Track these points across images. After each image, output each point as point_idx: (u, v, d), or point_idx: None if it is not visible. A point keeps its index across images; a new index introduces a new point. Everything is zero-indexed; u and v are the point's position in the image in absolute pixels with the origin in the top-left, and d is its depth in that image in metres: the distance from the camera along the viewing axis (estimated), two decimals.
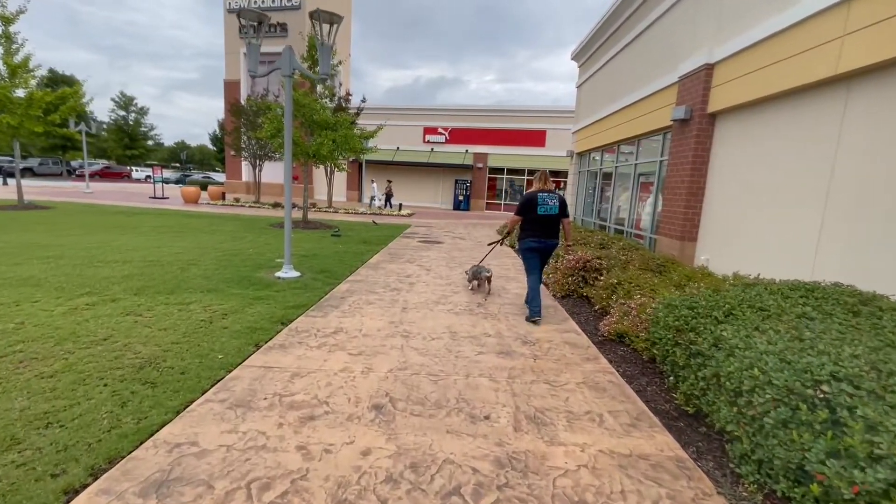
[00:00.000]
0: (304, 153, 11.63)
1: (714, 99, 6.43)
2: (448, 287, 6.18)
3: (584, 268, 5.86)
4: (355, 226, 13.68)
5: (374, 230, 12.73)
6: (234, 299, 4.87)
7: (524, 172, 25.28)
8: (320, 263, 7.24)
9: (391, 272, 6.97)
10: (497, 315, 4.93)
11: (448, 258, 8.68)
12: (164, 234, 9.38)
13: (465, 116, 25.47)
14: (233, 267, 6.51)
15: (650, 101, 8.63)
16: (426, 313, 4.86)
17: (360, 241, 10.30)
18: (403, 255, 8.76)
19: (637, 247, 7.46)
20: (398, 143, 26.32)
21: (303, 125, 11.66)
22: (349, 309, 4.86)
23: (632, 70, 9.91)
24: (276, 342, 3.78)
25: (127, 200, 18.68)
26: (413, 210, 21.98)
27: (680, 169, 7.05)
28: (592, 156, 13.26)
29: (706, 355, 2.73)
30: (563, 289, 5.88)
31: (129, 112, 43.26)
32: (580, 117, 14.12)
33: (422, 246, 10.16)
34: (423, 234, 12.69)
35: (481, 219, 20.54)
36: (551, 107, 24.74)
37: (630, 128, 9.71)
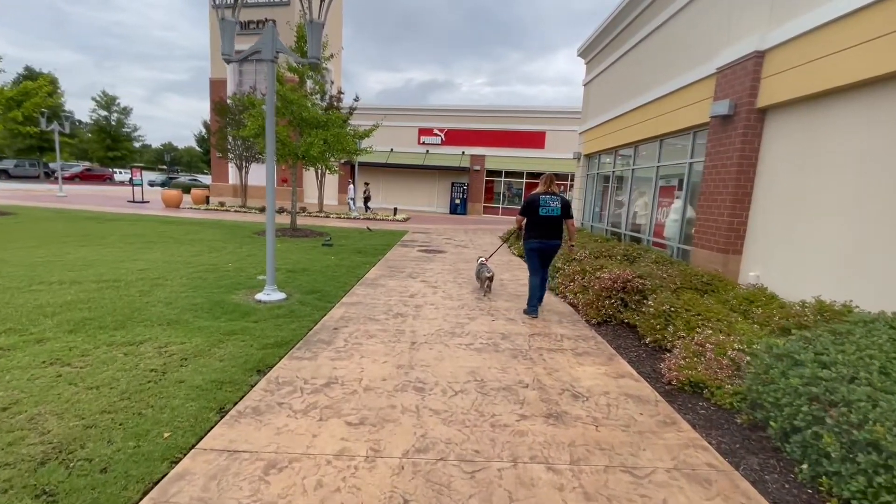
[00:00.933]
0: (292, 154, 10.63)
1: (765, 91, 5.59)
2: (461, 310, 5.24)
3: (623, 289, 4.96)
4: (348, 233, 12.68)
5: (369, 237, 11.76)
6: (200, 335, 3.88)
7: (523, 175, 24.46)
8: (310, 280, 6.25)
9: (392, 291, 6.02)
10: (528, 352, 4.00)
11: (454, 271, 7.74)
12: (132, 245, 8.31)
13: (461, 117, 24.60)
14: (205, 288, 5.50)
15: (677, 97, 7.79)
16: (441, 351, 3.91)
17: (354, 250, 9.32)
18: (404, 268, 7.81)
19: (671, 260, 6.59)
20: (392, 144, 25.37)
21: (291, 123, 10.66)
22: (345, 346, 3.90)
23: (651, 64, 9.08)
24: (249, 403, 2.81)
25: (102, 205, 17.45)
26: (408, 214, 21.03)
27: (721, 172, 6.20)
28: (603, 158, 12.43)
29: (888, 450, 1.83)
30: (599, 314, 4.97)
31: (111, 112, 41.67)
32: (588, 117, 13.30)
33: (423, 257, 9.21)
34: (423, 241, 11.74)
35: (480, 223, 19.66)
36: (551, 107, 23.98)
37: (650, 127, 8.87)
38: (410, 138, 25.37)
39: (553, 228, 5.00)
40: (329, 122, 10.55)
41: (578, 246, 7.42)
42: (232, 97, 17.90)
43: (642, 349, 4.19)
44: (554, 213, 4.97)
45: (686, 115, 7.46)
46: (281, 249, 8.91)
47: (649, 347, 4.19)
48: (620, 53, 10.65)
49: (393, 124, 25.11)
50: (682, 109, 7.60)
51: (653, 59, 9.05)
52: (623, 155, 11.04)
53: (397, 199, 26.00)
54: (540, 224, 4.98)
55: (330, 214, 18.30)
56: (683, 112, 7.57)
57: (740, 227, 6.00)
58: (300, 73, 10.49)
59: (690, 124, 7.34)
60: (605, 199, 12.46)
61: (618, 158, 11.27)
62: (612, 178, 11.43)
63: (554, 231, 5.02)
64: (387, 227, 15.38)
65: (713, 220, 6.33)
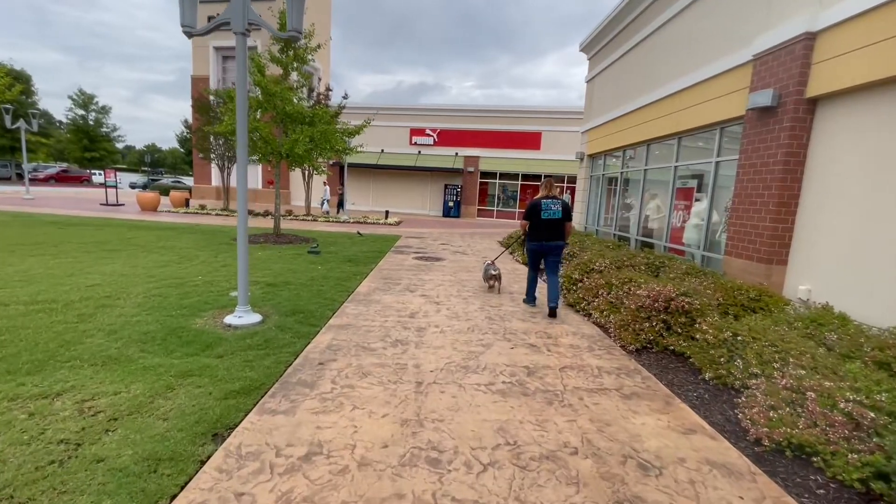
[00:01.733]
0: (275, 153, 9.71)
1: (818, 79, 4.88)
2: (472, 334, 4.41)
3: (666, 309, 4.18)
4: (337, 238, 11.78)
5: (360, 243, 10.87)
6: (143, 379, 2.99)
7: (518, 177, 23.76)
8: (292, 297, 5.37)
9: (388, 309, 5.16)
10: (564, 393, 3.18)
11: (456, 283, 6.91)
12: (89, 255, 7.32)
13: (454, 117, 23.83)
14: (164, 309, 4.58)
15: (699, 91, 7.09)
16: (456, 395, 3.08)
17: (343, 259, 8.44)
18: (400, 279, 6.95)
19: (702, 271, 5.84)
20: (383, 145, 24.48)
21: (274, 119, 9.75)
22: (332, 391, 3.04)
23: (667, 56, 8.39)
24: (194, 499, 1.94)
25: (73, 208, 16.27)
26: (400, 217, 20.16)
27: (762, 171, 5.47)
28: (609, 158, 11.73)
29: None
30: (637, 338, 4.17)
31: (88, 111, 39.98)
32: (592, 115, 12.60)
33: (420, 265, 8.36)
34: (418, 248, 10.89)
35: (475, 227, 18.87)
36: (547, 107, 23.33)
37: (666, 124, 8.16)
38: (402, 139, 24.52)
39: (555, 230, 5.27)
40: (316, 118, 9.66)
41: (596, 254, 6.66)
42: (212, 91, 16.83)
43: (702, 387, 3.40)
44: (555, 215, 5.22)
45: (711, 110, 6.76)
46: (261, 258, 7.99)
47: (710, 385, 3.40)
48: (630, 46, 9.96)
49: (384, 124, 24.26)
50: (707, 104, 6.89)
51: (668, 50, 8.35)
52: (632, 155, 10.34)
53: (388, 201, 25.12)
54: (542, 227, 5.26)
55: (318, 218, 17.36)
56: (708, 106, 6.86)
57: (785, 234, 5.28)
58: (284, 63, 9.58)
59: (717, 119, 6.63)
60: (611, 202, 11.76)
61: (626, 158, 10.57)
62: (619, 179, 10.72)
63: (555, 233, 5.28)
64: (378, 231, 14.50)
65: (752, 226, 5.60)
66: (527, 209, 5.41)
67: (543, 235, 5.28)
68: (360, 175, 25.24)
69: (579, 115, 22.51)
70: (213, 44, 24.96)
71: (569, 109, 23.07)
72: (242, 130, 4.22)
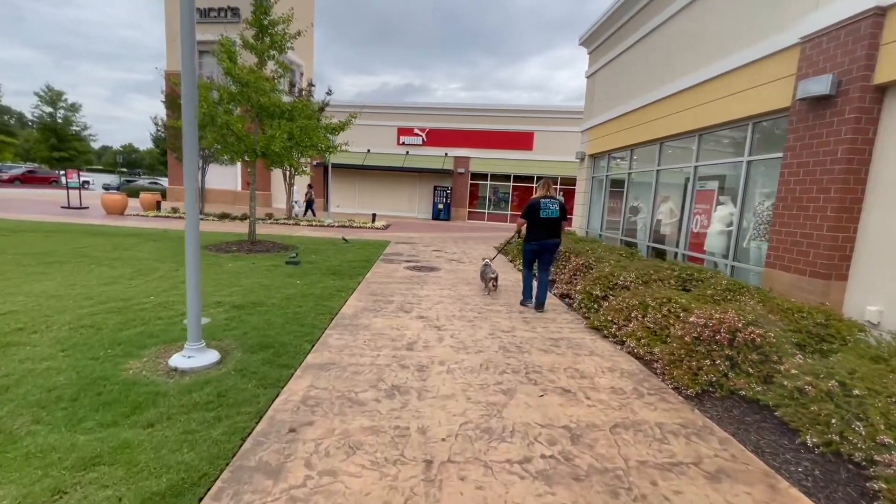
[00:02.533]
0: (249, 150, 8.67)
1: (888, 62, 4.14)
2: (487, 372, 3.51)
3: (731, 342, 3.34)
4: (320, 244, 10.76)
5: (345, 251, 9.89)
6: (19, 476, 2.01)
7: (510, 178, 23.00)
8: (262, 323, 4.40)
9: (380, 337, 4.24)
10: (628, 474, 2.31)
11: (457, 299, 6.01)
12: (22, 269, 6.20)
13: (444, 116, 22.96)
14: (91, 347, 3.57)
15: (727, 82, 6.34)
16: (482, 483, 2.17)
17: (325, 270, 7.46)
18: (391, 295, 6.03)
19: (744, 286, 5.05)
20: (369, 145, 23.47)
21: (248, 113, 8.72)
22: (306, 482, 2.11)
23: (685, 45, 7.65)
24: None
25: (29, 212, 14.87)
26: (388, 221, 19.18)
27: (816, 172, 4.72)
28: (614, 158, 10.98)
29: None
30: (696, 380, 3.33)
31: (56, 108, 37.88)
32: (593, 113, 11.86)
33: (413, 277, 7.44)
34: (409, 255, 9.96)
35: (467, 231, 18.00)
36: (540, 106, 22.64)
37: (684, 120, 7.42)
38: (389, 138, 23.54)
39: (552, 229, 5.40)
40: (295, 113, 8.65)
41: (616, 267, 5.84)
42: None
43: (804, 456, 2.56)
44: (553, 215, 5.35)
45: (742, 102, 6.01)
46: (231, 272, 6.97)
47: (816, 454, 2.57)
48: (639, 36, 9.21)
49: (370, 123, 23.26)
50: (736, 96, 6.14)
51: (686, 38, 7.61)
52: (641, 154, 9.60)
53: (375, 204, 24.10)
54: (541, 226, 5.37)
55: (300, 222, 16.28)
56: (737, 99, 6.12)
57: (846, 244, 4.52)
58: (259, 50, 8.56)
59: (749, 113, 5.89)
60: (616, 205, 11.01)
61: (634, 158, 9.82)
62: (627, 180, 9.97)
63: (553, 232, 5.41)
64: (365, 236, 13.51)
65: (803, 235, 4.83)
66: (525, 209, 5.48)
67: (542, 234, 5.41)
68: (345, 176, 24.17)
69: (572, 114, 21.87)
70: None
71: (562, 109, 22.43)
72: (188, 120, 3.25)
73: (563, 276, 6.81)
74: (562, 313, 5.56)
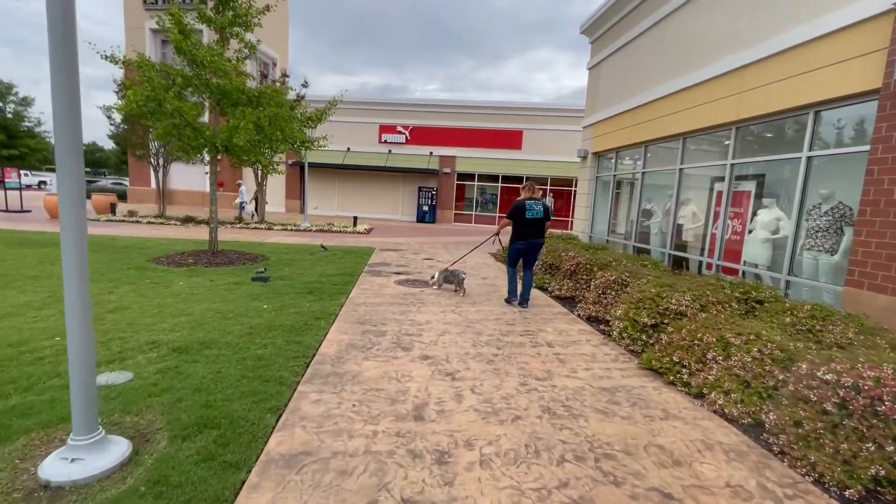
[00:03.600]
0: (209, 143, 7.30)
1: None
2: (540, 463, 2.36)
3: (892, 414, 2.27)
4: (295, 253, 9.43)
5: (323, 261, 8.60)
6: None
7: (498, 179, 21.98)
8: (207, 380, 3.13)
9: (375, 398, 3.03)
10: None
11: (466, 326, 4.84)
12: None
13: (428, 113, 21.77)
14: None
15: (784, 62, 5.39)
16: None
17: (301, 288, 6.18)
18: (384, 322, 4.81)
19: (831, 313, 4.04)
20: (349, 143, 22.09)
21: (208, 99, 7.35)
22: None
23: (719, 25, 6.71)
24: None
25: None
26: (370, 224, 17.85)
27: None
28: (622, 156, 10.03)
29: None
30: (850, 472, 2.25)
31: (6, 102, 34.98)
32: (597, 107, 10.89)
33: (407, 294, 6.23)
34: (398, 265, 8.74)
35: (456, 234, 16.82)
36: (530, 104, 21.71)
37: (721, 111, 6.47)
38: (370, 137, 22.20)
39: (538, 229, 5.56)
40: (263, 99, 7.31)
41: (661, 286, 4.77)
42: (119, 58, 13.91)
43: None
44: (538, 215, 5.52)
45: (807, 86, 5.05)
46: (181, 294, 5.62)
47: None
48: (656, 19, 8.25)
49: (350, 120, 21.91)
50: (794, 80, 5.19)
51: (722, 16, 6.66)
52: (658, 152, 8.65)
53: (356, 206, 22.71)
54: (527, 226, 5.51)
55: (274, 226, 14.82)
56: (796, 83, 5.16)
57: None
58: (219, 25, 7.17)
59: (817, 98, 4.93)
60: (625, 208, 10.06)
61: (648, 156, 8.86)
62: (640, 179, 9.00)
63: (538, 231, 5.57)
64: (346, 242, 12.20)
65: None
66: (511, 210, 5.61)
67: (529, 234, 5.57)
68: (323, 176, 22.71)
69: (563, 112, 21.01)
70: (150, 25, 21.76)
71: (552, 107, 21.58)
72: (60, 100, 1.96)
73: (587, 295, 5.73)
74: (599, 345, 4.46)
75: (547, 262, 7.42)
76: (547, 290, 6.84)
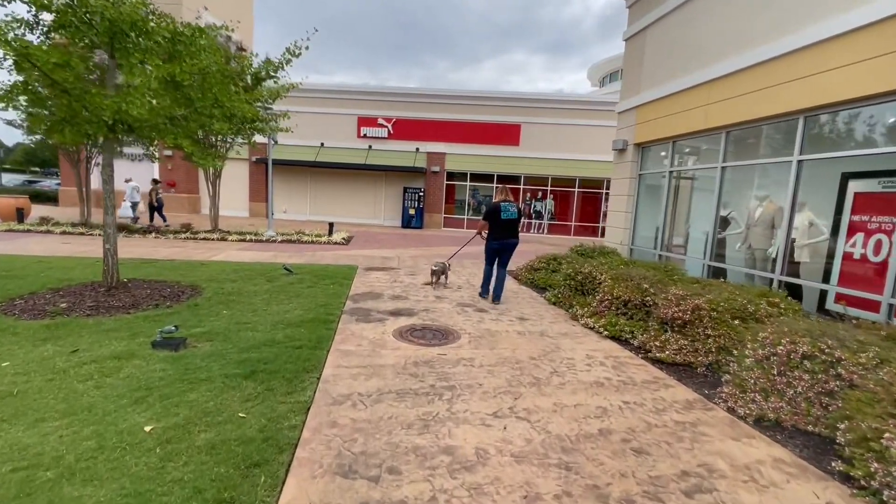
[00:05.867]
0: (93, 119, 4.54)
1: None
2: None
3: None
4: (246, 279, 6.73)
5: (285, 292, 5.97)
6: None
7: (493, 178, 19.61)
8: None
9: None
10: None
11: (558, 453, 2.35)
12: None
13: (414, 104, 19.22)
14: None
15: None
16: None
17: (235, 364, 3.55)
18: (393, 468, 2.27)
19: None
20: (322, 137, 19.31)
21: (98, 39, 4.61)
22: None
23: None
24: None
25: None
26: (349, 231, 15.14)
27: None
28: (682, 147, 7.78)
29: None
30: None
31: None
32: (642, 86, 8.62)
33: (418, 365, 3.69)
34: (391, 295, 6.19)
35: (452, 242, 14.17)
36: (529, 94, 19.46)
37: (866, 77, 4.23)
38: (347, 130, 19.47)
39: (512, 229, 5.93)
40: (180, 44, 4.58)
41: (848, 351, 2.41)
42: None
43: None
44: (512, 216, 5.89)
45: None
46: (11, 388, 2.91)
47: None
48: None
49: (323, 111, 19.17)
50: None
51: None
52: (748, 138, 6.41)
53: (332, 209, 19.94)
54: (502, 227, 5.89)
55: (229, 235, 11.95)
56: None
57: None
58: None
59: None
60: (687, 215, 7.82)
61: (729, 146, 6.61)
62: (721, 175, 6.73)
63: (512, 232, 5.95)
64: (319, 257, 9.52)
65: None
66: (486, 212, 6.04)
67: (504, 234, 5.90)
68: (293, 175, 19.84)
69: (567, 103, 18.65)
70: None
71: (554, 97, 19.41)
72: None
73: (739, 372, 3.33)
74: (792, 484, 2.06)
75: (617, 295, 5.01)
76: (630, 343, 4.45)
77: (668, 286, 5.04)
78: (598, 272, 5.81)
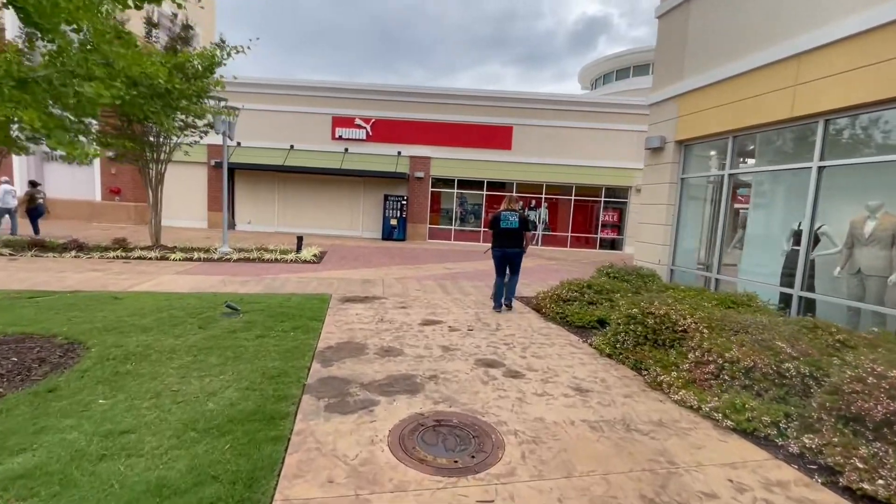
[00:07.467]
0: None
1: None
2: None
3: None
4: (169, 324, 4.70)
5: (219, 349, 4.00)
6: None
7: (483, 185, 17.92)
8: None
9: None
10: None
11: None
12: None
13: (395, 102, 17.38)
14: None
15: None
16: None
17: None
18: None
19: None
20: (292, 139, 17.24)
21: None
22: None
23: None
24: None
25: None
26: (321, 245, 13.07)
27: None
28: (745, 143, 6.21)
29: None
30: None
31: None
32: (685, 71, 7.05)
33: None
34: (379, 347, 4.28)
35: (444, 258, 12.29)
36: (522, 93, 17.87)
37: None
38: (321, 131, 17.44)
39: (512, 238, 5.97)
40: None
41: None
42: None
43: None
44: (513, 225, 5.95)
45: None
46: None
47: None
48: None
49: (293, 109, 17.14)
50: None
51: None
52: (845, 128, 4.86)
53: (303, 219, 17.79)
54: (502, 235, 6.00)
55: (171, 253, 9.72)
56: None
57: None
58: None
59: None
60: (741, 228, 6.23)
61: (828, 137, 5.05)
62: (817, 179, 5.14)
63: (513, 241, 5.98)
64: (282, 283, 7.51)
65: None
66: (490, 220, 6.17)
67: (504, 243, 5.98)
68: (258, 181, 17.63)
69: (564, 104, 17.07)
70: None
71: (552, 98, 17.95)
72: None
73: (843, 453, 1.59)
74: None
75: (733, 358, 3.27)
76: (774, 443, 2.70)
77: (799, 341, 3.35)
78: (676, 314, 4.07)
